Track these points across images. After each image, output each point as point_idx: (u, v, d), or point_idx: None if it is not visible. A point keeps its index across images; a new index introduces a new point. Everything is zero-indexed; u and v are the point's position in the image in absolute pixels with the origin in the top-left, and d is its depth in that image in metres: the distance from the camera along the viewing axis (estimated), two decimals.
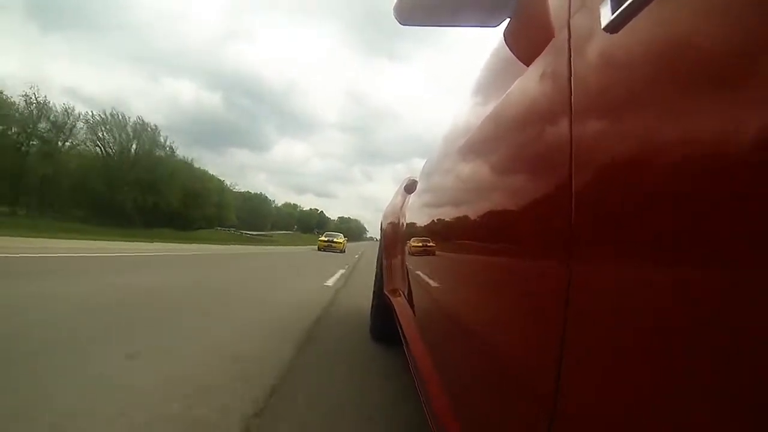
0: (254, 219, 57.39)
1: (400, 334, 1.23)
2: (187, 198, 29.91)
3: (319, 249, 18.82)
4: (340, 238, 20.32)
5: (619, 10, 0.28)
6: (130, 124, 27.40)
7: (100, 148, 26.38)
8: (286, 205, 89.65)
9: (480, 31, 0.64)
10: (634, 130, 0.27)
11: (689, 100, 0.24)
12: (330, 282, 4.63)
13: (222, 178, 41.41)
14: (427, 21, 0.61)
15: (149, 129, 28.35)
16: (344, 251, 18.38)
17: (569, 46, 0.37)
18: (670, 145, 0.24)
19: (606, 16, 0.30)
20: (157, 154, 28.64)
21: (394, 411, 1.21)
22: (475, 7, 0.57)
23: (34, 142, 22.40)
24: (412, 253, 1.25)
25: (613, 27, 0.30)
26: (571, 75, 0.36)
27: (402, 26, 0.63)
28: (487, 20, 0.57)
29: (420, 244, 1.13)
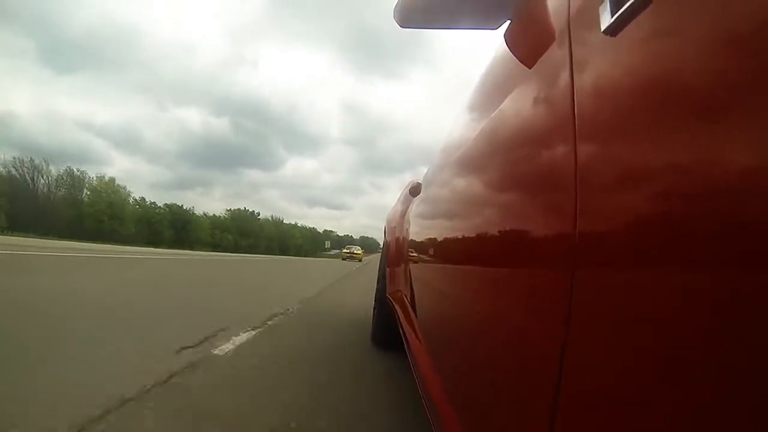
0: (320, 243, 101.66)
1: (402, 336, 1.23)
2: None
3: (342, 259, 26.06)
4: (358, 250, 28.90)
5: (619, 13, 0.28)
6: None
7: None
8: (325, 231, 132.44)
9: (481, 34, 0.62)
10: (638, 133, 0.27)
11: (690, 102, 0.23)
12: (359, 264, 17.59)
13: (302, 221, 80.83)
14: (426, 23, 0.60)
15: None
16: (362, 261, 25.12)
17: (570, 49, 0.37)
18: (674, 146, 0.24)
19: (605, 18, 0.30)
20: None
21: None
22: (474, 9, 0.56)
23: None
24: (416, 257, 1.25)
25: (612, 30, 0.29)
26: (572, 78, 0.35)
27: (402, 28, 0.62)
28: (486, 23, 0.56)
29: (424, 248, 1.13)
